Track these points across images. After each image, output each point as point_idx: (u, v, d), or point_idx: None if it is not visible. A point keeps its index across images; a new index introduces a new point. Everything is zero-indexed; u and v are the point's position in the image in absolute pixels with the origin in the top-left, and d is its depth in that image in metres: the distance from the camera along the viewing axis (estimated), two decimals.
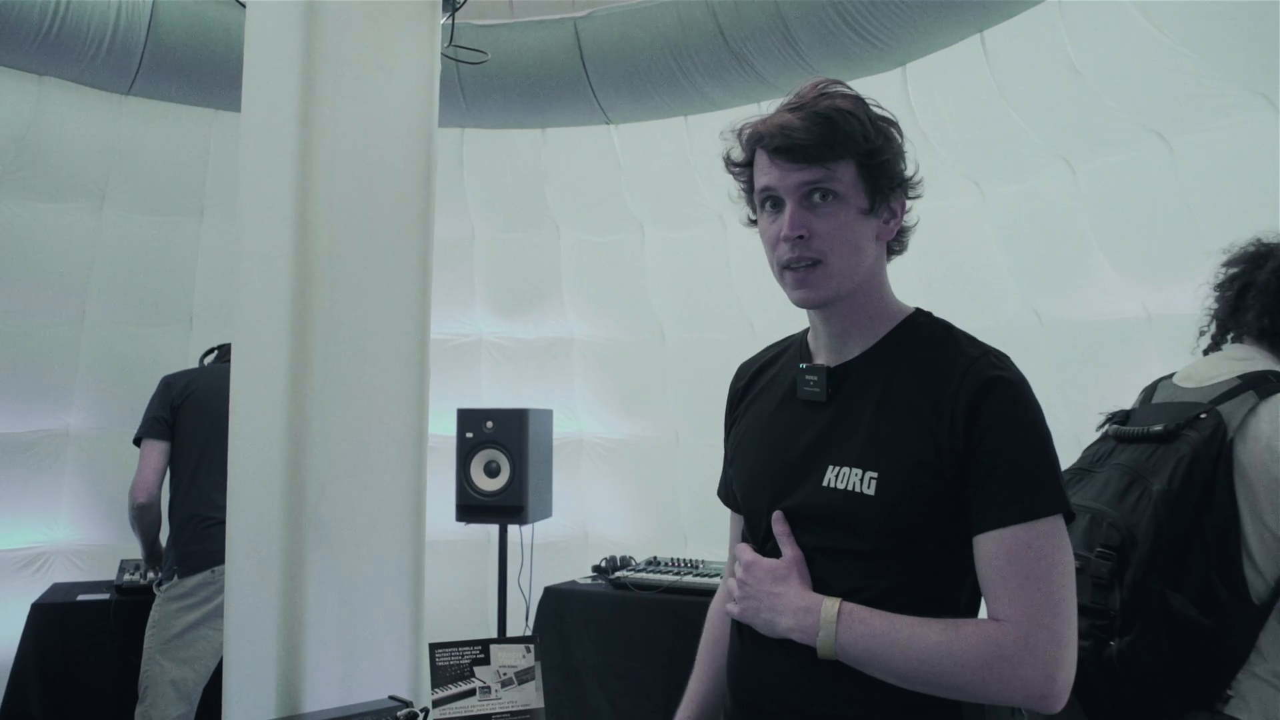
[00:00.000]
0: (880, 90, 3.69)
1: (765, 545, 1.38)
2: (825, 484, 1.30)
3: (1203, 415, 1.74)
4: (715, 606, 1.61)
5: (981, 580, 1.24)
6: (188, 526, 3.24)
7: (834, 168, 1.27)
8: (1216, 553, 1.67)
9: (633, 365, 4.96)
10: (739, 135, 1.35)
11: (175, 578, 3.20)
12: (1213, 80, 2.89)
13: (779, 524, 1.35)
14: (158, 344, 4.50)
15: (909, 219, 1.38)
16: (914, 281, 3.97)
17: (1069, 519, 1.24)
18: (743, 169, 1.37)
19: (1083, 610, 1.35)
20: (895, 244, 1.38)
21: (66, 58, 3.92)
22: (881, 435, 1.28)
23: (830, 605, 1.25)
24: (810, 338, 1.44)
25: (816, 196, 1.28)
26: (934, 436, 1.24)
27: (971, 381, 1.24)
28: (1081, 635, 1.38)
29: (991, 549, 1.22)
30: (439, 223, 2.44)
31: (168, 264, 4.62)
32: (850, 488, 1.27)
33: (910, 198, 1.36)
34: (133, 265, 4.53)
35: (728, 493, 1.55)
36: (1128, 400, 2.02)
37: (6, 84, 3.96)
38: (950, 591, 1.28)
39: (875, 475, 1.26)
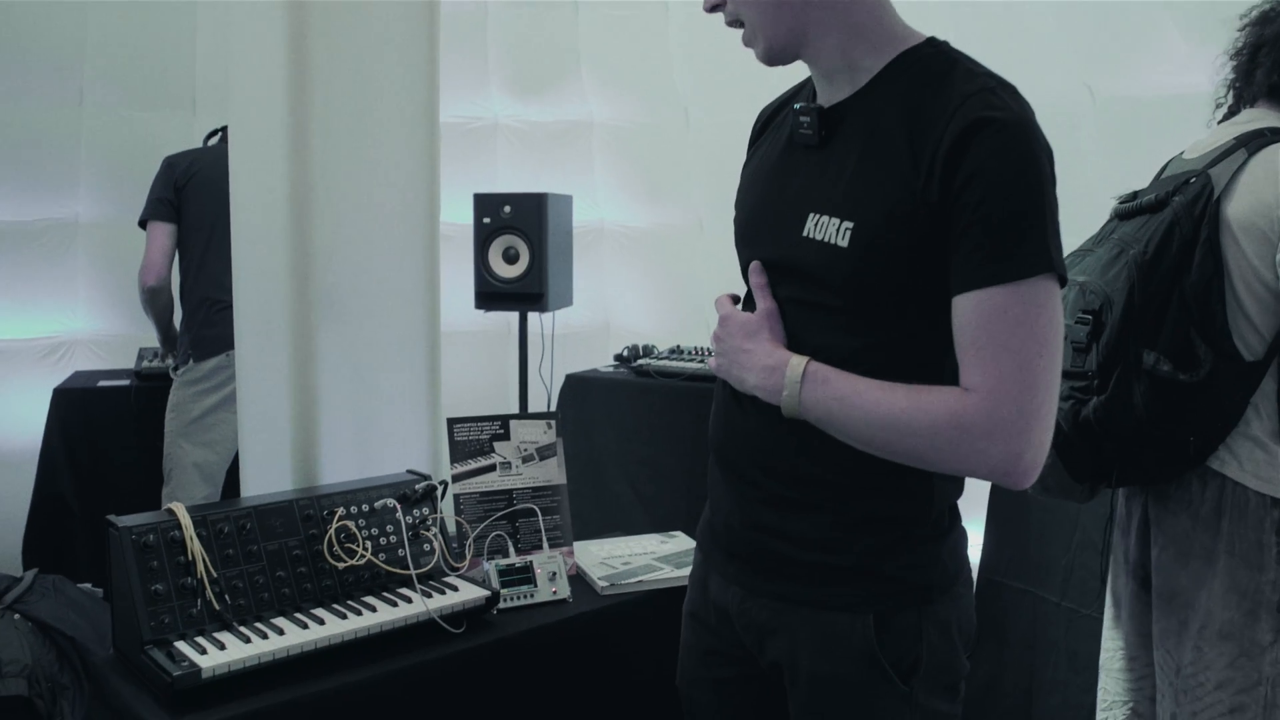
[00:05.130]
0: None
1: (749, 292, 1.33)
2: (805, 234, 1.22)
3: (1192, 180, 1.71)
4: None
5: (955, 346, 1.14)
6: (200, 310, 3.18)
7: None
8: (1197, 310, 1.66)
9: (655, 149, 4.75)
10: None
11: (190, 362, 3.17)
12: None
13: (756, 275, 1.29)
14: (161, 128, 4.34)
15: None
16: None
17: (1062, 283, 1.12)
18: None
19: (1063, 374, 1.31)
20: None
21: None
22: (861, 182, 1.18)
23: (796, 365, 1.19)
24: (813, 77, 1.32)
25: None
26: (909, 186, 1.12)
27: (957, 124, 1.10)
28: (1061, 398, 1.33)
29: (964, 312, 1.11)
30: None
31: (165, 44, 4.40)
32: (826, 238, 1.19)
33: None
34: (128, 45, 4.32)
35: None
36: None
37: None
38: (930, 356, 1.20)
39: (851, 226, 1.17)
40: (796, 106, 1.27)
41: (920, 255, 1.14)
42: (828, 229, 1.20)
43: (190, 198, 3.24)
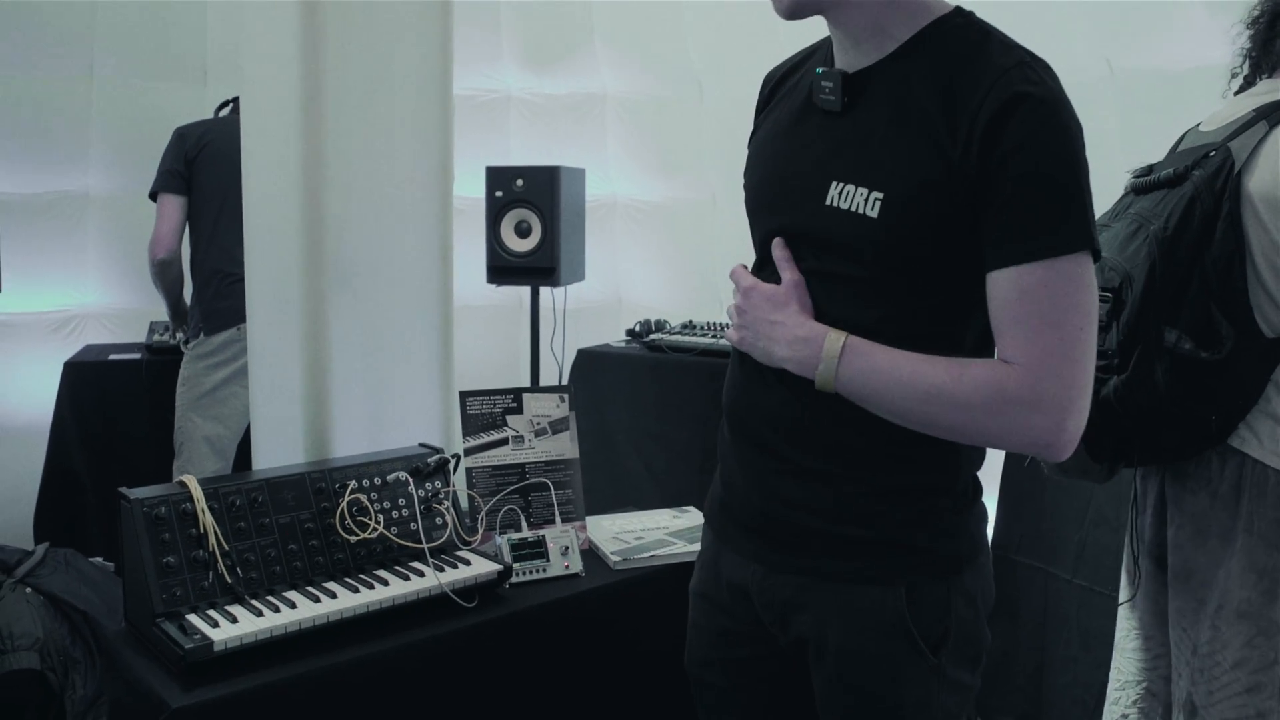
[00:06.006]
0: None
1: (766, 266, 1.29)
2: (828, 202, 1.19)
3: (1211, 153, 1.67)
4: None
5: (993, 320, 1.14)
6: (211, 283, 3.17)
7: None
8: (1218, 286, 1.62)
9: (668, 123, 4.71)
10: None
11: (201, 335, 3.16)
12: None
13: (779, 249, 1.25)
14: (172, 100, 4.31)
15: None
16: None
17: (1096, 258, 1.12)
18: None
19: None
20: None
21: None
22: (891, 152, 1.15)
23: (834, 340, 1.17)
24: (832, 41, 1.28)
25: None
26: (945, 156, 1.10)
27: (996, 97, 1.08)
28: None
29: (1004, 287, 1.11)
30: None
31: (175, 14, 4.36)
32: (853, 208, 1.16)
33: None
34: (138, 16, 4.28)
35: None
36: None
37: None
38: (951, 329, 1.19)
39: (880, 196, 1.14)
40: (818, 71, 1.24)
41: (950, 226, 1.13)
42: (854, 198, 1.17)
43: (201, 170, 3.22)
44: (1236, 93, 1.89)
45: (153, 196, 3.27)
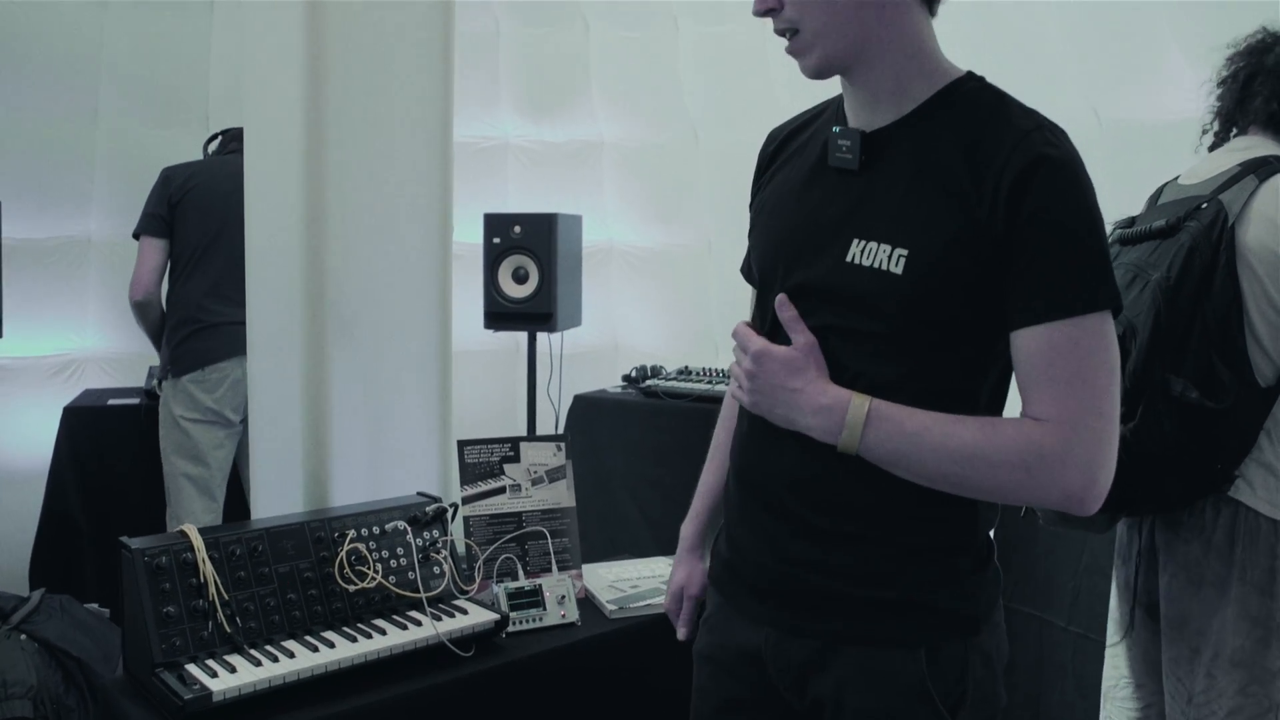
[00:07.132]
0: None
1: (774, 324, 1.28)
2: (849, 259, 1.19)
3: (1204, 205, 1.72)
4: (730, 394, 1.53)
5: (1020, 377, 1.14)
6: (180, 328, 3.17)
7: None
8: (1218, 336, 1.67)
9: (664, 169, 4.76)
10: None
11: (169, 376, 3.16)
12: None
13: (785, 309, 1.24)
14: (174, 146, 4.33)
15: None
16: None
17: (1117, 313, 1.14)
18: None
19: None
20: None
21: None
22: (915, 210, 1.16)
23: (859, 405, 1.16)
24: (845, 101, 1.30)
25: None
26: (972, 215, 1.12)
27: (1020, 159, 1.11)
28: None
29: (1033, 345, 1.12)
30: (460, 16, 2.24)
31: (179, 62, 4.42)
32: (876, 265, 1.17)
33: None
34: (142, 63, 4.34)
35: (748, 268, 1.43)
36: None
37: None
38: (970, 384, 1.19)
39: (905, 253, 1.15)
40: (836, 130, 1.25)
41: (975, 284, 1.14)
42: (877, 255, 1.17)
43: (183, 215, 3.20)
44: (1210, 148, 1.94)
45: (137, 237, 3.28)
